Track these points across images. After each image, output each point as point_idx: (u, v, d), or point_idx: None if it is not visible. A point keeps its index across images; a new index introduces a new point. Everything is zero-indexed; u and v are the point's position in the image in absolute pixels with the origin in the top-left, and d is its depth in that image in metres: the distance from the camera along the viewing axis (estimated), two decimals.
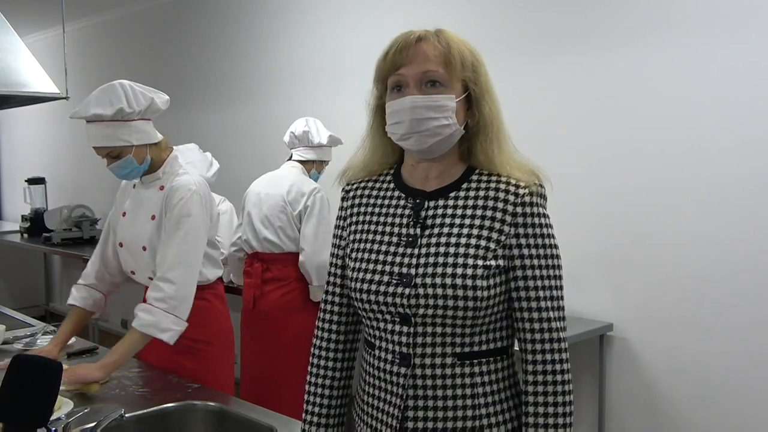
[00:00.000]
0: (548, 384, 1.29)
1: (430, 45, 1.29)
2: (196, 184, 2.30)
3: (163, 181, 2.33)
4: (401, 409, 1.32)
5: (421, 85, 1.29)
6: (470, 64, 1.31)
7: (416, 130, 1.29)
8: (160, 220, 2.30)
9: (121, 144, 2.21)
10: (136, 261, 2.38)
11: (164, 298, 2.16)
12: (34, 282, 7.34)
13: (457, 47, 1.30)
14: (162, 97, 2.31)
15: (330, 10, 4.32)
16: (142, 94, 2.24)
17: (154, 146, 2.31)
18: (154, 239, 2.30)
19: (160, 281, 2.18)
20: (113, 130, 2.19)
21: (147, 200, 2.35)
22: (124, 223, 2.41)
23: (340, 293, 1.46)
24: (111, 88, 2.21)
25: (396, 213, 1.37)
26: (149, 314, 2.15)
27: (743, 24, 2.72)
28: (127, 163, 2.25)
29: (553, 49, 3.27)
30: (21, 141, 7.78)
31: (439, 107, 1.28)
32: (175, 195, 2.26)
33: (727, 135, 2.79)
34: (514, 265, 1.30)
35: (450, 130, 1.30)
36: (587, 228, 3.20)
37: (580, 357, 3.26)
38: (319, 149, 3.43)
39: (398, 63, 1.30)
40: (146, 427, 1.95)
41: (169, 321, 2.15)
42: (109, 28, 6.22)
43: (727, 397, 2.85)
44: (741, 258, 2.78)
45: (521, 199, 1.30)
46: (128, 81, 2.25)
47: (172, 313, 2.16)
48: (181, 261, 2.21)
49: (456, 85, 1.30)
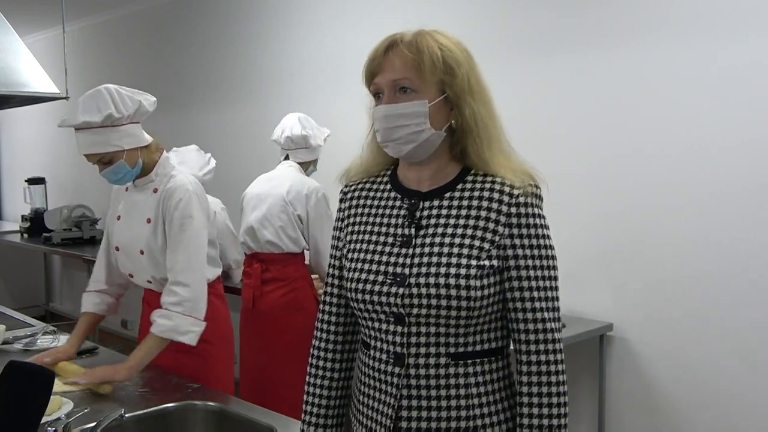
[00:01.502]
0: (543, 385, 1.29)
1: (399, 52, 1.30)
2: (191, 184, 2.31)
3: (156, 184, 2.33)
4: (395, 409, 1.32)
5: (394, 92, 1.30)
6: (443, 67, 1.29)
7: (390, 138, 1.31)
8: (156, 223, 2.30)
9: (112, 150, 2.20)
10: (133, 264, 2.38)
11: (180, 302, 2.18)
12: (34, 282, 7.34)
13: (429, 51, 1.29)
14: (149, 99, 2.29)
15: (330, 10, 4.32)
16: (129, 97, 2.21)
17: (145, 149, 2.30)
18: (151, 242, 2.30)
19: (173, 286, 2.20)
20: (103, 136, 2.18)
21: (141, 203, 2.34)
22: (120, 227, 2.40)
23: (339, 294, 1.47)
24: (98, 94, 2.18)
25: (392, 213, 1.38)
26: (168, 319, 2.17)
27: (743, 24, 2.72)
28: (120, 168, 2.24)
29: (553, 49, 3.27)
30: (21, 141, 7.78)
31: (410, 114, 1.29)
32: (173, 197, 2.26)
33: (727, 135, 2.79)
34: (508, 266, 1.30)
35: (425, 136, 1.30)
36: (587, 228, 3.20)
37: (580, 357, 3.26)
38: (316, 149, 3.43)
39: (374, 71, 1.33)
40: (146, 427, 1.95)
41: (188, 323, 2.19)
42: (109, 28, 6.23)
43: (727, 397, 2.85)
44: (741, 258, 2.78)
45: (515, 199, 1.30)
46: (114, 85, 2.23)
47: (190, 314, 2.19)
48: (190, 263, 2.23)
49: (430, 89, 1.30)
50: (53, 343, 2.63)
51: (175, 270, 2.22)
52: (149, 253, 2.30)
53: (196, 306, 2.21)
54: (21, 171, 7.39)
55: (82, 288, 2.53)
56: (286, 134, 3.36)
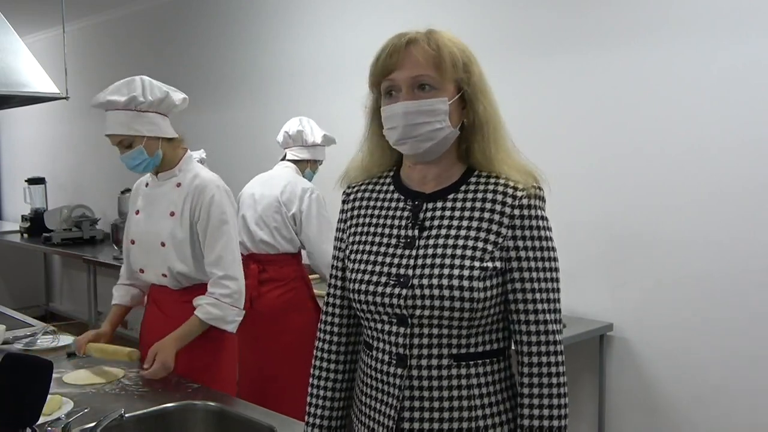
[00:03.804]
0: (544, 386, 1.29)
1: (420, 48, 1.29)
2: (219, 181, 2.41)
3: (179, 179, 2.39)
4: (397, 410, 1.32)
5: (412, 90, 1.29)
6: (462, 65, 1.30)
7: (410, 135, 1.29)
8: (181, 216, 2.35)
9: (132, 133, 2.29)
10: (148, 257, 2.42)
11: (230, 294, 2.31)
12: (34, 282, 7.34)
13: (448, 49, 1.29)
14: (178, 94, 2.38)
15: (330, 10, 4.32)
16: (158, 87, 2.33)
17: (167, 142, 2.37)
18: (175, 235, 2.34)
19: (224, 279, 2.31)
20: (125, 118, 2.28)
21: (163, 197, 2.40)
22: (137, 221, 2.46)
23: (341, 296, 1.47)
24: (130, 80, 2.31)
25: (395, 215, 1.37)
26: (218, 309, 2.29)
27: (743, 24, 2.72)
28: (138, 153, 2.31)
29: (553, 49, 3.27)
30: (21, 141, 7.78)
31: (432, 111, 1.28)
32: (205, 193, 2.34)
33: (727, 135, 2.79)
34: (511, 267, 1.30)
35: (444, 133, 1.30)
36: (587, 228, 3.20)
37: (580, 357, 3.26)
38: (313, 149, 3.43)
39: (389, 68, 1.30)
40: (146, 427, 1.95)
41: (234, 314, 2.33)
42: (109, 28, 6.23)
43: (726, 397, 2.85)
44: (741, 258, 2.78)
45: (519, 201, 1.30)
46: (148, 77, 2.35)
47: (237, 306, 2.34)
48: (234, 257, 2.35)
49: (448, 86, 1.30)
50: (53, 343, 2.63)
51: (224, 264, 2.32)
52: (171, 245, 2.35)
53: (240, 298, 2.35)
54: (21, 171, 7.39)
55: (82, 288, 2.55)
56: (284, 130, 3.42)
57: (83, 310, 6.12)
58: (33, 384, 1.35)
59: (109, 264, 5.00)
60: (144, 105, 2.28)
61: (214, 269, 2.32)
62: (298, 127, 3.39)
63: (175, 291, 2.41)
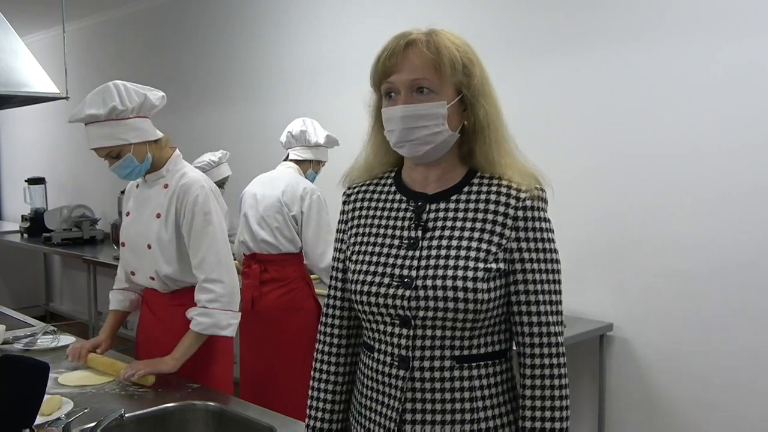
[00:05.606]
0: (546, 388, 1.29)
1: (419, 51, 1.28)
2: (205, 181, 2.34)
3: (167, 180, 2.34)
4: (399, 412, 1.31)
5: (411, 93, 1.28)
6: (461, 68, 1.29)
7: (407, 138, 1.29)
8: (166, 218, 2.31)
9: (119, 143, 2.23)
10: (138, 260, 2.39)
11: (217, 298, 2.23)
12: (34, 282, 7.34)
13: (448, 51, 1.28)
14: (156, 93, 2.31)
15: (330, 10, 4.32)
16: (134, 91, 2.25)
17: (154, 144, 2.32)
18: (162, 237, 2.31)
19: (207, 283, 2.24)
20: (109, 129, 2.21)
21: (151, 199, 2.36)
22: (128, 223, 2.43)
23: (342, 297, 1.46)
24: (104, 89, 2.23)
25: (397, 216, 1.37)
26: (208, 317, 2.22)
27: (743, 24, 2.72)
28: (128, 162, 2.26)
29: (553, 49, 3.27)
30: (21, 141, 7.78)
31: (429, 115, 1.28)
32: (189, 193, 2.28)
33: (727, 135, 2.79)
34: (514, 269, 1.30)
35: (442, 137, 1.29)
36: (587, 228, 3.20)
37: (580, 357, 3.26)
38: (316, 149, 3.43)
39: (388, 70, 1.30)
40: (146, 427, 1.95)
41: (227, 317, 2.25)
42: (109, 28, 6.23)
43: (726, 397, 2.85)
44: (741, 258, 2.78)
45: (522, 203, 1.30)
46: (121, 81, 2.27)
47: (228, 309, 2.25)
48: (219, 258, 2.27)
49: (447, 90, 1.29)
50: (53, 343, 2.63)
51: (206, 267, 2.25)
52: (158, 247, 2.31)
53: (232, 300, 2.26)
54: (21, 171, 7.39)
55: (82, 288, 2.55)
56: (287, 130, 3.42)
57: (83, 310, 6.13)
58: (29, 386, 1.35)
59: (109, 264, 4.99)
60: (125, 112, 2.22)
61: (197, 272, 2.27)
62: (301, 127, 3.39)
63: (165, 294, 2.38)
